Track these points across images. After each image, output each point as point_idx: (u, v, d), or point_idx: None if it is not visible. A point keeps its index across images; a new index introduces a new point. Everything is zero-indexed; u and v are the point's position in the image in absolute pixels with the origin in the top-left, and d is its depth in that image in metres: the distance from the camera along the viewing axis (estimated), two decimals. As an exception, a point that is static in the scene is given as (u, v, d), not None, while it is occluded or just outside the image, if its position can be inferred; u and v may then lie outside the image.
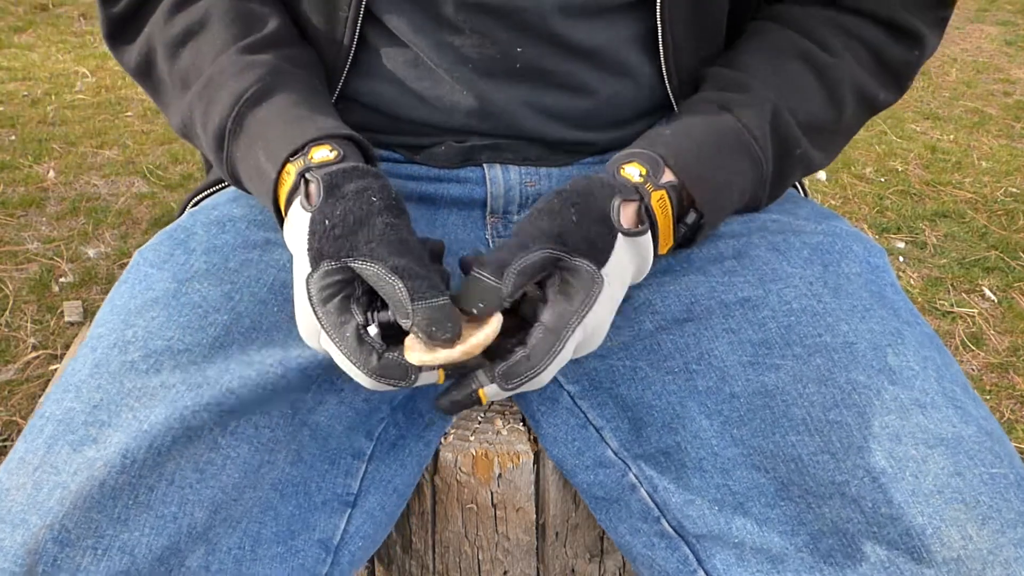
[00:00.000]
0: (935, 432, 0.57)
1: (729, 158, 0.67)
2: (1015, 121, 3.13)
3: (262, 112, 0.64)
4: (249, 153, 0.64)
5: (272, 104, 0.64)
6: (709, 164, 0.66)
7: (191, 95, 0.67)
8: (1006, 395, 1.77)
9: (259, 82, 0.65)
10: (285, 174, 0.61)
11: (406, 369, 0.55)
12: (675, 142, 0.66)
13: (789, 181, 0.72)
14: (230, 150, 0.65)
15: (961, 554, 0.53)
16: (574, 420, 0.70)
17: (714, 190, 0.66)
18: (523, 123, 0.72)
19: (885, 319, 0.65)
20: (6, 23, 3.83)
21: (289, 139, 0.61)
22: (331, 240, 0.56)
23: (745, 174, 0.68)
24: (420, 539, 0.77)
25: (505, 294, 0.56)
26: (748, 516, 0.60)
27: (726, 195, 0.67)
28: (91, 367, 0.61)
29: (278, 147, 0.62)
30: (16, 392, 1.68)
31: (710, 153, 0.66)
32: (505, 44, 0.68)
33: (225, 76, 0.65)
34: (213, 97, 0.66)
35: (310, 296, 0.55)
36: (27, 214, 2.31)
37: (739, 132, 0.67)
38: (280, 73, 0.66)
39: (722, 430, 0.63)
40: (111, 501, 0.54)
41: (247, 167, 0.65)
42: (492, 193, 0.74)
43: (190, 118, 0.68)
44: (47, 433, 0.57)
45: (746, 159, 0.67)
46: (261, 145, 0.63)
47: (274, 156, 0.61)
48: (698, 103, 0.70)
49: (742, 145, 0.67)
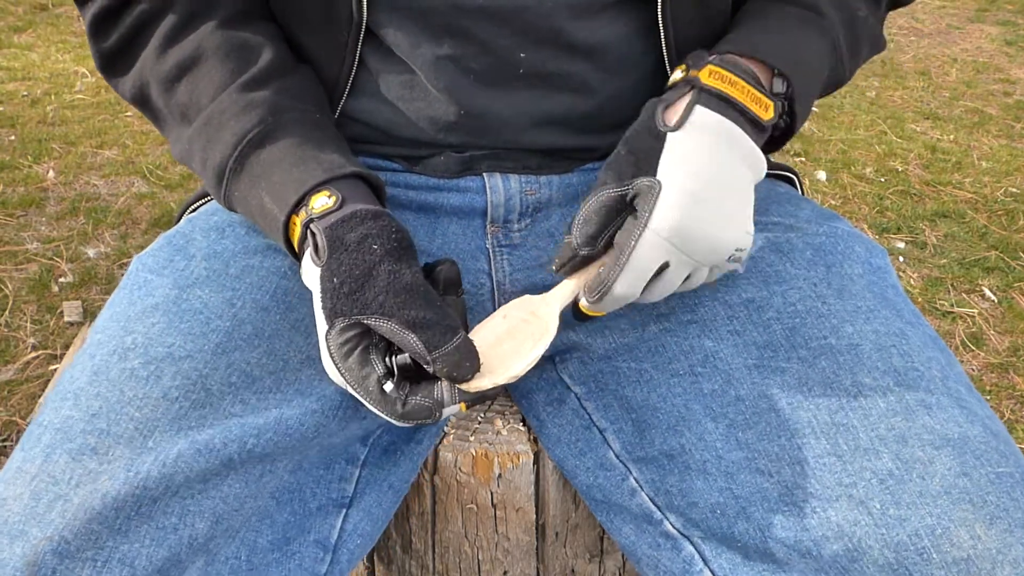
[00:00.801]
0: (941, 433, 0.57)
1: (785, 24, 0.67)
2: (1015, 121, 3.13)
3: (264, 154, 0.64)
4: (252, 193, 0.64)
5: (275, 146, 0.64)
6: (760, 30, 0.66)
7: (191, 131, 0.67)
8: (1006, 395, 1.77)
9: (261, 123, 0.64)
10: (293, 224, 0.62)
11: (430, 409, 0.57)
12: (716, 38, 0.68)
13: (863, 47, 0.71)
14: (229, 188, 0.65)
15: (971, 554, 0.52)
16: (579, 421, 0.70)
17: (781, 48, 0.65)
18: (523, 132, 0.71)
19: (889, 320, 0.64)
20: (6, 23, 3.83)
21: (292, 186, 0.62)
22: (341, 298, 0.57)
23: (811, 37, 0.67)
24: (420, 539, 0.77)
25: (576, 244, 0.61)
26: (750, 521, 0.59)
27: (796, 52, 0.66)
28: (90, 374, 0.60)
29: (283, 193, 0.62)
30: (16, 392, 1.68)
31: (759, 26, 0.67)
32: (507, 50, 0.68)
33: (226, 116, 0.65)
34: (213, 137, 0.65)
35: (331, 353, 0.57)
36: (27, 214, 2.31)
37: (790, 7, 0.68)
38: (281, 111, 0.65)
39: (727, 433, 0.62)
40: (113, 513, 0.53)
41: (248, 207, 0.65)
42: (492, 202, 0.73)
43: (189, 153, 0.67)
44: (45, 442, 0.56)
45: (807, 26, 0.67)
46: (265, 187, 0.63)
47: (281, 201, 0.62)
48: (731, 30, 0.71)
49: (797, 14, 0.67)
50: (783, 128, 0.67)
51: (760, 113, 0.62)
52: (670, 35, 0.69)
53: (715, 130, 0.61)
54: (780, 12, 0.68)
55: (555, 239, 0.75)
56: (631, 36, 0.70)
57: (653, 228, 0.58)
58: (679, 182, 0.58)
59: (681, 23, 0.69)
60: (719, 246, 0.59)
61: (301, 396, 0.62)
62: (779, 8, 0.69)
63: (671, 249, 0.58)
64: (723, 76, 0.62)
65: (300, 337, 0.65)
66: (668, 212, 0.58)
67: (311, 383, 0.63)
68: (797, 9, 0.68)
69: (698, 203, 0.58)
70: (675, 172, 0.59)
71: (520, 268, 0.75)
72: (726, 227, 0.59)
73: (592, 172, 0.76)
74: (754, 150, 0.62)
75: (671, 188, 0.58)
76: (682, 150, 0.60)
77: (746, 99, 0.62)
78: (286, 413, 0.61)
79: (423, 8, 0.66)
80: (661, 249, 0.58)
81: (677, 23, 0.68)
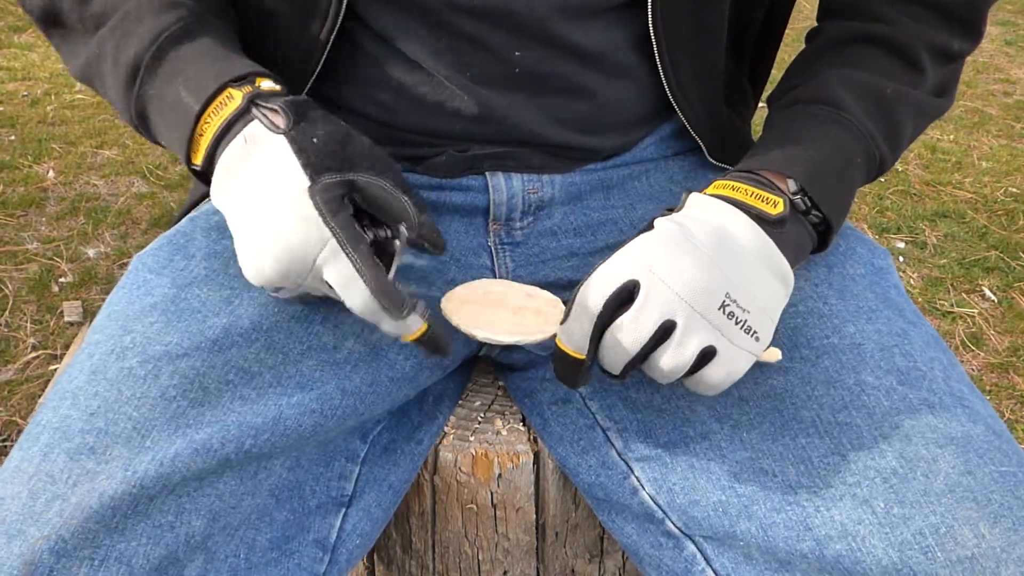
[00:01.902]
0: (945, 431, 0.57)
1: (805, 127, 0.66)
2: (1015, 121, 3.13)
3: (184, 50, 0.62)
4: (167, 89, 0.61)
5: (196, 44, 0.62)
6: (776, 142, 0.65)
7: (103, 31, 0.64)
8: (1006, 395, 1.77)
9: (180, 21, 0.63)
10: (221, 102, 0.59)
11: (403, 300, 0.55)
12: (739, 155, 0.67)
13: (906, 123, 0.69)
14: (143, 87, 0.62)
15: (975, 552, 0.52)
16: (583, 420, 0.70)
17: (793, 156, 0.63)
18: (524, 129, 0.71)
19: (891, 320, 0.64)
20: (6, 23, 3.83)
21: (212, 78, 0.60)
22: (326, 155, 0.56)
23: (831, 134, 0.65)
24: (420, 539, 0.77)
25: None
26: (753, 520, 0.59)
27: (812, 154, 0.64)
28: (88, 374, 0.60)
29: (201, 84, 0.60)
30: (16, 392, 1.68)
31: (774, 136, 0.66)
32: (502, 50, 0.68)
33: (143, 11, 0.63)
34: (129, 31, 0.62)
35: (319, 207, 0.54)
36: (27, 214, 2.31)
37: (804, 107, 0.67)
38: (202, 16, 0.64)
39: (732, 434, 0.62)
40: (110, 512, 0.53)
41: (161, 104, 0.62)
42: (495, 201, 0.73)
43: (96, 56, 0.64)
44: (43, 441, 0.56)
45: (828, 125, 0.66)
46: (182, 81, 0.61)
47: (199, 91, 0.59)
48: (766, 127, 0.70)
49: (810, 113, 0.66)
50: (820, 225, 0.65)
51: (767, 208, 0.60)
52: (663, 46, 0.69)
53: (710, 209, 0.60)
54: (801, 115, 0.67)
55: (558, 237, 0.75)
56: (626, 43, 0.70)
57: (629, 249, 0.57)
58: (668, 227, 0.58)
59: (673, 35, 0.68)
60: (702, 280, 0.55)
61: (301, 390, 0.62)
62: (801, 111, 0.67)
63: (642, 269, 0.55)
64: (725, 185, 0.62)
65: (300, 327, 0.64)
66: (648, 240, 0.57)
67: (312, 375, 0.63)
68: (819, 108, 0.67)
69: (684, 242, 0.56)
70: (667, 223, 0.59)
71: (523, 265, 0.75)
72: (711, 268, 0.56)
73: (594, 172, 0.76)
74: (760, 234, 0.59)
75: (659, 228, 0.58)
76: (678, 216, 0.60)
77: (748, 198, 0.60)
78: (284, 412, 0.60)
79: (416, 2, 0.66)
80: (632, 267, 0.56)
81: (669, 34, 0.68)
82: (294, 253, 0.55)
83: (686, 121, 0.73)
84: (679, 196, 0.76)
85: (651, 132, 0.77)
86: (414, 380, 0.70)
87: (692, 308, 0.55)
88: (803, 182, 0.62)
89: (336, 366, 0.64)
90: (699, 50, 0.71)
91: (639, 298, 0.55)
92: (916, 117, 0.70)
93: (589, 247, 0.75)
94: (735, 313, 0.56)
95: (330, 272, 0.56)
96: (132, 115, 0.64)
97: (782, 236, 0.60)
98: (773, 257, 0.59)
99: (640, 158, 0.77)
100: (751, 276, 0.57)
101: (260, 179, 0.57)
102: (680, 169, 0.79)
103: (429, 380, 0.72)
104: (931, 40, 0.70)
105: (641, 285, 0.55)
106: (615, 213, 0.76)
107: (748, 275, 0.57)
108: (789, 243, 0.61)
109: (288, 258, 0.56)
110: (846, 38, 0.71)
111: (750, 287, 0.57)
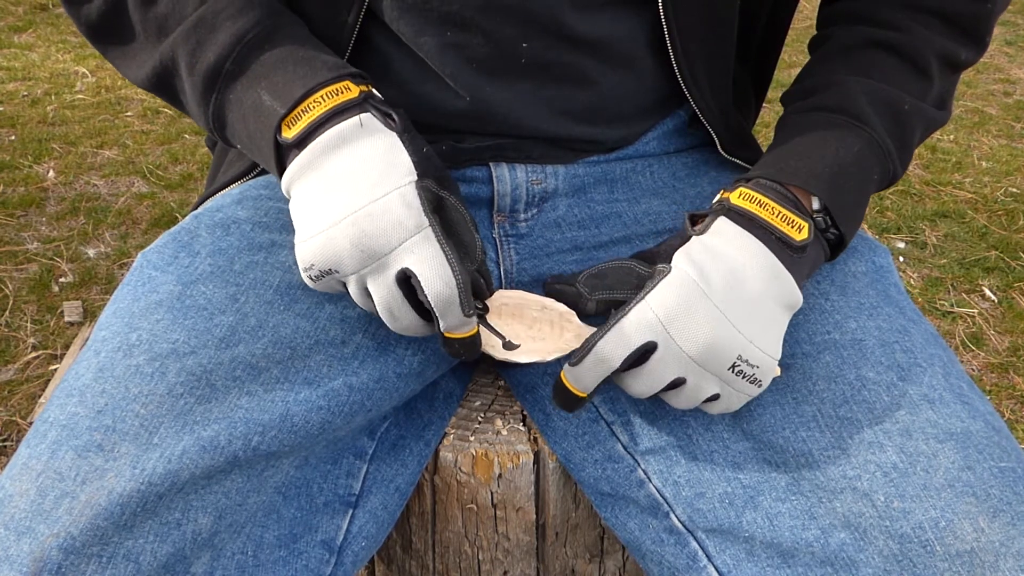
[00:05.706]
0: (944, 427, 0.58)
1: (824, 137, 0.66)
2: (1015, 121, 3.13)
3: (265, 56, 0.63)
4: (247, 95, 0.62)
5: (275, 50, 0.63)
6: (798, 153, 0.65)
7: (175, 36, 0.64)
8: (1006, 395, 1.77)
9: (259, 25, 0.63)
10: (337, 89, 0.60)
11: (473, 298, 0.58)
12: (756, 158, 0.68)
13: (915, 136, 0.70)
14: (222, 92, 0.63)
15: (974, 546, 0.53)
16: (587, 415, 0.70)
17: (816, 169, 0.64)
18: (527, 120, 0.72)
19: (892, 316, 0.65)
20: (6, 23, 3.83)
21: (298, 83, 0.60)
22: (430, 166, 0.60)
23: (851, 145, 0.66)
24: (420, 539, 0.77)
25: (579, 282, 0.66)
26: (759, 510, 0.60)
27: (833, 168, 0.64)
28: (95, 371, 0.60)
29: (287, 89, 0.60)
30: (16, 392, 1.68)
31: (796, 144, 0.66)
32: (509, 41, 0.68)
33: (221, 18, 0.63)
34: (205, 39, 0.63)
35: (423, 200, 0.58)
36: (27, 214, 2.31)
37: (828, 115, 0.67)
38: (278, 13, 0.65)
39: (733, 425, 0.63)
40: (119, 510, 0.53)
41: (241, 108, 0.63)
42: (498, 191, 0.73)
43: (171, 60, 0.65)
44: (51, 438, 0.56)
45: (847, 135, 0.66)
46: (265, 86, 0.61)
47: (284, 96, 0.60)
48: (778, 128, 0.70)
49: (832, 122, 0.66)
50: (834, 241, 0.66)
51: (791, 233, 0.61)
52: (675, 36, 0.69)
53: (733, 242, 0.60)
54: (824, 124, 0.67)
55: (562, 230, 0.75)
56: (635, 33, 0.70)
57: (649, 302, 0.58)
58: (686, 273, 0.59)
59: (686, 24, 0.68)
60: (716, 345, 0.57)
61: (309, 387, 0.62)
62: (824, 120, 0.67)
63: (661, 331, 0.57)
64: (752, 197, 0.62)
65: (307, 323, 0.64)
66: (667, 292, 0.58)
67: (319, 370, 0.63)
68: (843, 119, 0.67)
69: (700, 297, 0.58)
70: (686, 265, 0.59)
71: (527, 257, 0.75)
72: (725, 328, 0.57)
73: (597, 165, 0.76)
74: (776, 269, 0.60)
75: (677, 274, 0.59)
76: (698, 248, 0.60)
77: (774, 219, 0.61)
78: (292, 409, 0.60)
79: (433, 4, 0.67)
80: (651, 327, 0.57)
81: (681, 24, 0.68)
82: (385, 232, 0.57)
83: (699, 112, 0.73)
84: (682, 192, 0.77)
85: (654, 127, 0.78)
86: (421, 375, 0.70)
87: (704, 369, 0.58)
88: (826, 200, 0.63)
89: (344, 361, 0.64)
90: (712, 40, 0.71)
91: (654, 359, 0.58)
92: (923, 132, 0.71)
93: (593, 241, 0.75)
94: (744, 371, 0.59)
95: (416, 257, 0.57)
96: (208, 121, 0.65)
97: (801, 260, 0.61)
98: (785, 291, 0.60)
99: (643, 152, 0.78)
100: (764, 326, 0.59)
101: (368, 160, 0.59)
102: (683, 165, 0.79)
103: (435, 374, 0.73)
104: (940, 48, 0.70)
105: (659, 347, 0.58)
106: (619, 207, 0.76)
107: (761, 326, 0.59)
108: (806, 265, 0.62)
109: (376, 233, 0.57)
110: (859, 43, 0.71)
111: (762, 338, 0.59)
